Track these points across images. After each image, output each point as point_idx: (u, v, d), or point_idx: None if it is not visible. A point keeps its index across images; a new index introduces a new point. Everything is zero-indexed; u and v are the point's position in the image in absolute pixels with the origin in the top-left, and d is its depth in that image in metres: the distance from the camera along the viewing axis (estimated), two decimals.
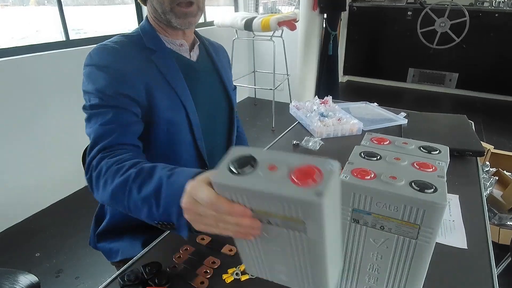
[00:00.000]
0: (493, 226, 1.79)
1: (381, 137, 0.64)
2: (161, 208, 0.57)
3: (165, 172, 0.59)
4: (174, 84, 0.83)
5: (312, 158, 0.41)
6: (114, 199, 0.65)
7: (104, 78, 0.76)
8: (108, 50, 0.79)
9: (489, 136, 3.20)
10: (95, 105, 0.75)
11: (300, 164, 0.41)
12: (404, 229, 0.48)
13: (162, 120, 0.83)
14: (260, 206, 0.42)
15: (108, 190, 0.65)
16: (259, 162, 0.43)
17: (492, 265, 0.65)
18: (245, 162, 0.43)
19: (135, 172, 0.63)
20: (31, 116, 2.04)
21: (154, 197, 0.58)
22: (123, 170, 0.64)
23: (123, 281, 0.59)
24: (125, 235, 0.93)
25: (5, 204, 2.00)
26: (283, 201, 0.39)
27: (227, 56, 1.09)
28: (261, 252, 0.47)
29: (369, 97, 3.14)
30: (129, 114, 0.76)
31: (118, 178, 0.64)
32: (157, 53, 0.84)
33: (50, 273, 1.70)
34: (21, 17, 2.63)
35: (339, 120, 1.30)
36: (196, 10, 0.82)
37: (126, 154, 0.69)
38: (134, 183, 0.62)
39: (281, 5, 3.77)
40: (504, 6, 3.87)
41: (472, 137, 1.15)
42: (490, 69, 4.10)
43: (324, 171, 0.39)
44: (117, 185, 0.64)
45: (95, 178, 0.68)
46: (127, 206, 0.63)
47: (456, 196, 0.87)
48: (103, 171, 0.67)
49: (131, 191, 0.62)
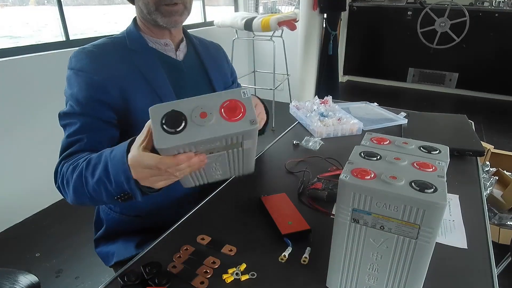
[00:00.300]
0: (493, 226, 1.79)
1: (381, 137, 0.64)
2: (113, 182, 0.61)
3: (108, 151, 0.65)
4: (155, 85, 0.83)
5: (227, 93, 0.51)
6: (77, 195, 0.69)
7: (78, 83, 0.77)
8: (85, 53, 0.79)
9: (489, 136, 3.20)
10: (66, 114, 0.78)
11: (222, 103, 0.49)
12: (404, 229, 0.48)
13: (141, 122, 0.81)
14: (204, 147, 0.51)
15: (71, 189, 0.69)
16: (187, 115, 0.49)
17: (492, 265, 0.65)
18: (176, 120, 0.49)
19: (85, 162, 0.68)
20: (31, 116, 2.04)
21: (105, 176, 0.63)
22: (78, 166, 0.69)
23: (123, 281, 0.59)
24: (120, 238, 0.93)
25: (5, 204, 2.00)
26: (227, 138, 0.49)
27: (222, 53, 1.06)
28: (202, 171, 0.58)
29: (369, 97, 3.14)
30: (98, 121, 0.77)
31: (75, 173, 0.68)
32: (139, 54, 0.83)
33: (50, 273, 1.70)
34: (21, 17, 2.63)
35: (339, 120, 1.30)
36: (182, 9, 0.82)
37: (83, 154, 0.72)
38: (87, 171, 0.66)
39: (281, 5, 3.77)
40: (504, 6, 3.86)
41: (472, 137, 1.15)
42: (490, 69, 4.10)
43: (243, 100, 0.50)
44: (75, 181, 0.68)
45: (60, 184, 0.72)
46: (89, 195, 0.67)
47: (456, 196, 0.87)
48: (64, 174, 0.71)
49: (87, 180, 0.66)
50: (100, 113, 0.77)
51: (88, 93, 0.76)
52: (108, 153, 0.64)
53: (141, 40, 0.86)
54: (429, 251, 0.48)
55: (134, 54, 0.83)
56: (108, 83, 0.78)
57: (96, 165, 0.65)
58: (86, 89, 0.76)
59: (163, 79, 0.84)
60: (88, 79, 0.77)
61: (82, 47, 0.81)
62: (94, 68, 0.77)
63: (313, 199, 0.86)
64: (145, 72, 0.82)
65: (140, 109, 0.81)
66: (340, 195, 0.50)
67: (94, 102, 0.76)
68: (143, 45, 0.85)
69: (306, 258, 0.66)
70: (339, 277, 0.57)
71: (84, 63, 0.78)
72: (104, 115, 0.78)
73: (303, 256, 0.67)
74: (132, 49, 0.83)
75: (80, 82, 0.76)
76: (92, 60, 0.78)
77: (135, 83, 0.81)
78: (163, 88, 0.84)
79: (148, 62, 0.84)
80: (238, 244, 0.70)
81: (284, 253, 0.67)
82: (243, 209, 0.83)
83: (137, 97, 0.80)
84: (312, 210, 0.82)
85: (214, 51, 1.02)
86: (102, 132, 0.78)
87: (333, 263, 0.57)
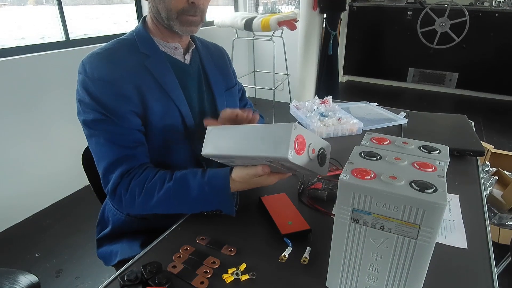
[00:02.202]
0: (493, 226, 1.79)
1: (381, 137, 0.64)
2: (210, 202, 0.75)
3: (200, 180, 0.75)
4: (168, 89, 0.83)
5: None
6: (153, 211, 0.77)
7: (103, 92, 0.76)
8: (101, 59, 0.78)
9: (489, 136, 3.20)
10: (97, 121, 0.76)
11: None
12: (404, 229, 0.48)
13: (157, 127, 0.82)
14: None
15: (149, 207, 0.76)
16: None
17: (492, 265, 0.65)
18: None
19: (172, 186, 0.75)
20: (31, 116, 2.04)
21: (200, 201, 0.74)
22: (157, 186, 0.76)
23: (123, 281, 0.59)
24: (125, 238, 0.93)
25: (5, 204, 2.00)
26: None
27: (225, 56, 1.05)
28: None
29: (369, 97, 3.14)
30: (134, 131, 0.79)
31: (157, 194, 0.75)
32: (151, 58, 0.83)
33: (50, 273, 1.70)
34: (20, 17, 2.63)
35: (339, 120, 1.30)
36: (199, 21, 0.83)
37: (148, 171, 0.78)
38: (175, 197, 0.75)
39: (281, 5, 3.77)
40: (504, 6, 3.86)
41: (472, 137, 1.15)
42: (490, 69, 4.10)
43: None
44: (158, 203, 0.75)
45: (126, 200, 0.77)
46: (172, 212, 0.77)
47: (456, 196, 0.87)
48: (137, 191, 0.76)
49: (176, 203, 0.76)
50: (132, 121, 0.78)
51: (115, 103, 0.76)
52: (201, 178, 0.75)
53: (152, 43, 0.85)
54: (429, 251, 0.48)
55: (146, 57, 0.82)
56: (130, 91, 0.78)
57: (187, 188, 0.74)
58: (112, 99, 0.76)
59: (174, 83, 0.84)
60: (113, 88, 0.76)
61: (95, 53, 0.79)
62: (113, 75, 0.77)
63: (313, 199, 0.86)
64: (157, 76, 0.82)
65: (155, 114, 0.81)
66: (340, 195, 0.50)
67: (124, 112, 0.77)
68: (154, 49, 0.85)
69: (306, 258, 0.66)
70: (339, 277, 0.57)
71: (101, 71, 0.76)
72: (137, 124, 0.79)
73: (303, 256, 0.67)
74: (143, 52, 0.83)
75: (103, 91, 0.76)
76: (109, 66, 0.77)
77: (149, 86, 0.81)
78: (175, 92, 0.84)
79: (160, 66, 0.83)
80: (238, 244, 0.70)
81: (284, 253, 0.67)
82: (243, 209, 0.83)
83: (152, 102, 0.81)
84: (312, 210, 0.82)
85: (216, 54, 1.02)
86: (141, 145, 0.80)
87: (333, 263, 0.57)
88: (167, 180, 0.76)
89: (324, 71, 3.42)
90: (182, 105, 0.85)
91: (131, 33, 0.87)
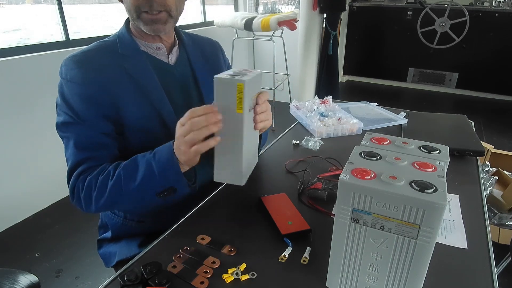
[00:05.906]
0: (493, 226, 1.80)
1: (381, 137, 0.64)
2: (158, 178, 0.71)
3: (148, 156, 0.73)
4: (147, 90, 0.81)
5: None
6: (112, 203, 0.75)
7: (72, 94, 0.75)
8: (74, 62, 0.76)
9: (489, 136, 3.20)
10: (66, 123, 0.77)
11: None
12: (404, 229, 0.48)
13: (133, 129, 0.81)
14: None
15: (104, 199, 0.74)
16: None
17: (492, 265, 0.65)
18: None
19: (122, 170, 0.73)
20: (30, 116, 2.04)
21: (148, 177, 0.71)
22: (110, 175, 0.73)
23: (123, 281, 0.59)
24: (123, 239, 0.94)
25: (5, 204, 2.00)
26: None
27: (218, 52, 1.02)
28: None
29: (369, 97, 3.14)
30: (100, 135, 0.78)
31: (110, 182, 0.73)
32: (130, 58, 0.81)
33: (50, 273, 1.70)
34: (18, 16, 2.62)
35: (339, 120, 1.30)
36: (165, 17, 0.79)
37: (104, 165, 0.77)
38: (126, 177, 0.72)
39: (281, 5, 3.77)
40: (504, 6, 3.86)
41: (472, 137, 1.15)
42: (490, 69, 4.10)
43: (255, 73, 0.68)
44: (111, 190, 0.73)
45: (85, 197, 0.75)
46: (128, 201, 0.74)
47: (456, 196, 0.87)
48: (93, 186, 0.74)
49: (128, 185, 0.72)
50: (100, 125, 0.77)
51: (86, 106, 0.75)
52: (149, 157, 0.72)
53: (132, 44, 0.83)
54: (429, 251, 0.48)
55: (125, 59, 0.80)
56: (100, 94, 0.76)
57: (134, 171, 0.72)
58: (82, 101, 0.75)
59: (155, 84, 0.82)
60: (85, 91, 0.75)
61: (72, 55, 0.78)
62: (84, 78, 0.75)
63: (313, 199, 0.86)
64: (136, 77, 0.80)
65: (131, 116, 0.79)
66: (340, 195, 0.50)
67: (93, 115, 0.76)
68: (134, 49, 0.82)
69: (306, 258, 0.66)
70: (339, 277, 0.57)
71: (74, 73, 0.75)
72: (104, 127, 0.78)
73: (303, 256, 0.67)
74: (123, 54, 0.81)
75: (74, 94, 0.75)
76: (81, 69, 0.76)
77: (126, 89, 0.79)
78: (155, 93, 0.81)
79: (140, 67, 0.81)
80: (238, 244, 0.70)
81: (284, 253, 0.67)
82: (243, 209, 0.83)
83: (128, 103, 0.79)
84: (312, 210, 0.82)
85: (209, 50, 0.99)
86: (106, 147, 0.79)
87: (333, 263, 0.57)
88: (120, 167, 0.74)
89: (324, 71, 3.42)
90: (163, 107, 0.82)
91: (114, 35, 0.85)
